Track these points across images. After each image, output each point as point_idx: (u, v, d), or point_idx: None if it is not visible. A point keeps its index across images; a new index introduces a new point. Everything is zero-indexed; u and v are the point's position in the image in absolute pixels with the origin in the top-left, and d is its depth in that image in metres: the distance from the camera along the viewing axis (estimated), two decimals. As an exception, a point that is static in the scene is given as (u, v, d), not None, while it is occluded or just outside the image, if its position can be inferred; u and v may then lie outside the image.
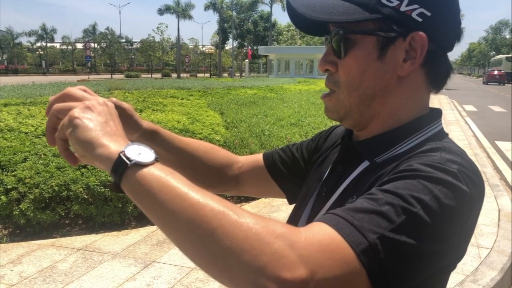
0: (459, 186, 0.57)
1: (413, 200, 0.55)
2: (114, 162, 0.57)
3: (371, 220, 0.53)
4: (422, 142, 0.69)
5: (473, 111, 16.53)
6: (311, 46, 52.68)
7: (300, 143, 1.01)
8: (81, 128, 0.61)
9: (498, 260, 3.65)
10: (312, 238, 0.51)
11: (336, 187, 0.75)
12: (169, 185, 0.54)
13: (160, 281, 3.25)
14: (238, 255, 0.49)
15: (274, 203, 5.07)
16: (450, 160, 0.61)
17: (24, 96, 7.72)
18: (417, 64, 0.69)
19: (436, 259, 0.57)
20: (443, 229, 0.56)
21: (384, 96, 0.71)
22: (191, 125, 6.21)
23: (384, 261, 0.52)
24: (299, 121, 7.99)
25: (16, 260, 3.55)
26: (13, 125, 5.19)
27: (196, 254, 0.53)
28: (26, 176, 4.14)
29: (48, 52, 79.21)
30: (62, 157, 0.69)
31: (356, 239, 0.52)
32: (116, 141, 0.60)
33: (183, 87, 12.46)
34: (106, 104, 0.67)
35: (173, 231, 0.54)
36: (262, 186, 1.02)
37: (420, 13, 0.66)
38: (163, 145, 0.89)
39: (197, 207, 0.52)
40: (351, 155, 0.77)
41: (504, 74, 44.13)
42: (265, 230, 0.50)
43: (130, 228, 4.30)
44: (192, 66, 68.04)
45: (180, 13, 58.36)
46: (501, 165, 7.27)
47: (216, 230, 0.50)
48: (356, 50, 0.69)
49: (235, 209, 0.52)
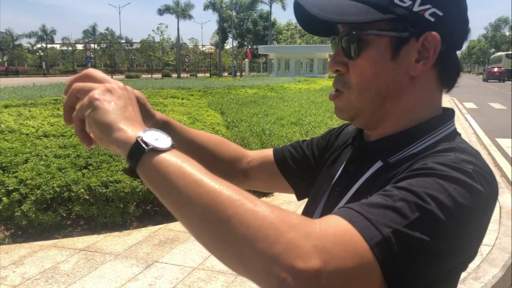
0: (474, 186, 0.58)
1: (428, 197, 0.55)
2: (131, 146, 0.57)
3: (386, 215, 0.54)
4: (435, 143, 0.69)
5: (473, 108, 16.51)
6: (311, 45, 52.65)
7: (310, 140, 1.01)
8: (100, 110, 0.61)
9: (500, 257, 3.65)
10: (327, 229, 0.51)
11: (349, 186, 0.75)
12: (186, 171, 0.54)
13: (162, 281, 3.26)
14: (253, 243, 0.49)
15: (276, 202, 5.08)
16: (465, 160, 0.61)
17: (24, 98, 7.72)
18: (430, 64, 0.69)
19: (449, 257, 0.57)
20: (457, 228, 0.56)
21: (397, 96, 0.71)
22: (192, 125, 6.22)
23: (397, 256, 0.52)
24: (299, 120, 7.99)
25: (18, 261, 3.55)
26: (14, 127, 5.20)
27: (211, 241, 0.53)
28: (27, 178, 4.14)
29: (48, 53, 79.26)
30: (78, 137, 0.68)
31: (370, 232, 0.52)
32: (134, 125, 0.60)
33: (183, 87, 12.46)
34: (126, 89, 0.67)
35: (188, 218, 0.54)
36: (271, 181, 1.02)
37: (432, 13, 0.66)
38: (174, 136, 0.88)
39: (213, 194, 0.52)
40: (364, 155, 0.77)
41: (504, 71, 44.05)
42: (280, 219, 0.50)
43: (132, 229, 4.31)
44: (192, 66, 68.05)
45: (180, 13, 58.35)
46: (501, 162, 7.27)
47: (231, 217, 0.50)
48: (369, 51, 0.69)
49: (251, 197, 0.52)
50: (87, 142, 0.68)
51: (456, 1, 0.69)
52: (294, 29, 74.87)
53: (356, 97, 0.72)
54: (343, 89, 0.74)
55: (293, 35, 73.70)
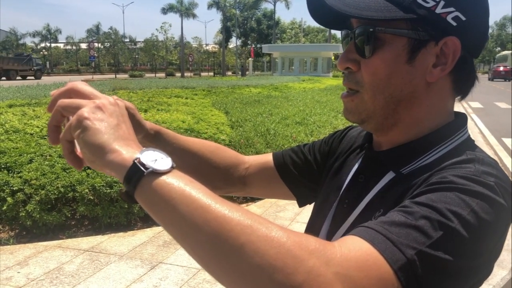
0: (497, 200, 0.55)
1: (451, 214, 0.52)
2: (128, 170, 0.52)
3: (408, 234, 0.51)
4: (450, 151, 0.66)
5: (479, 108, 16.41)
6: (315, 44, 52.59)
7: (312, 144, 0.97)
8: (91, 130, 0.55)
9: (508, 259, 3.61)
10: (348, 254, 0.48)
11: (359, 199, 0.72)
12: (190, 195, 0.49)
13: (167, 282, 3.24)
14: (269, 273, 0.45)
15: (280, 203, 5.04)
16: (486, 172, 0.58)
17: (29, 97, 7.74)
18: (447, 70, 0.65)
19: (473, 275, 0.55)
20: (481, 244, 0.53)
21: (411, 101, 0.67)
22: (196, 124, 6.20)
23: (422, 278, 0.49)
24: (304, 120, 7.96)
25: (23, 262, 3.54)
26: (18, 126, 5.20)
27: (221, 272, 0.48)
28: (32, 178, 4.14)
29: (52, 53, 79.52)
30: (67, 160, 0.62)
31: (393, 255, 0.49)
32: (129, 146, 0.55)
33: (187, 86, 12.46)
34: (117, 104, 0.61)
35: (195, 247, 0.49)
36: (271, 188, 0.98)
37: (455, 16, 0.63)
38: (166, 146, 0.84)
39: (222, 220, 0.47)
40: (373, 165, 0.74)
41: (510, 70, 43.77)
42: (298, 246, 0.46)
43: (136, 229, 4.30)
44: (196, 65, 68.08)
45: (184, 12, 58.40)
46: (508, 162, 7.22)
47: (244, 246, 0.46)
48: (385, 50, 0.65)
49: (264, 222, 0.48)
50: (77, 164, 0.62)
51: (482, 7, 0.66)
52: (298, 27, 74.81)
53: (369, 97, 0.68)
54: (358, 88, 0.69)
55: (297, 34, 73.63)
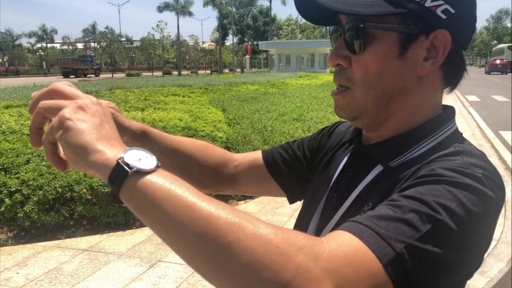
0: (485, 192, 0.55)
1: (439, 207, 0.52)
2: (111, 170, 0.51)
3: (397, 228, 0.51)
4: (438, 144, 0.66)
5: (476, 101, 16.42)
6: (311, 40, 52.52)
7: (301, 141, 0.97)
8: (73, 131, 0.54)
9: (506, 251, 3.63)
10: (337, 249, 0.48)
11: (347, 193, 0.72)
12: (176, 194, 0.49)
13: (166, 280, 3.24)
14: (258, 271, 0.45)
15: (278, 199, 5.05)
16: (473, 164, 0.59)
17: (25, 98, 7.71)
18: (439, 63, 0.66)
19: (463, 267, 0.55)
20: (470, 237, 0.53)
21: (402, 96, 0.68)
22: (193, 122, 6.19)
23: (410, 271, 0.50)
24: (301, 116, 7.96)
25: (22, 263, 3.55)
26: (15, 127, 5.19)
27: (209, 271, 0.48)
28: (29, 178, 4.14)
29: (49, 53, 79.20)
30: (50, 162, 0.61)
31: (382, 249, 0.49)
32: (112, 145, 0.54)
33: (184, 84, 12.44)
34: (100, 104, 0.60)
35: (182, 247, 0.48)
36: (261, 185, 0.98)
37: (444, 9, 0.63)
38: (153, 145, 0.83)
39: (208, 219, 0.47)
40: (362, 158, 0.74)
41: (506, 63, 43.83)
42: (286, 242, 0.46)
43: (135, 228, 4.30)
44: (193, 63, 67.91)
45: (179, 10, 58.20)
46: (505, 155, 7.22)
47: (232, 244, 0.45)
48: (376, 46, 0.65)
49: (251, 219, 0.48)
50: (61, 166, 0.60)
51: (469, 0, 0.66)
52: (294, 24, 74.66)
53: (361, 94, 0.68)
54: (349, 85, 0.69)
55: (293, 31, 73.46)
